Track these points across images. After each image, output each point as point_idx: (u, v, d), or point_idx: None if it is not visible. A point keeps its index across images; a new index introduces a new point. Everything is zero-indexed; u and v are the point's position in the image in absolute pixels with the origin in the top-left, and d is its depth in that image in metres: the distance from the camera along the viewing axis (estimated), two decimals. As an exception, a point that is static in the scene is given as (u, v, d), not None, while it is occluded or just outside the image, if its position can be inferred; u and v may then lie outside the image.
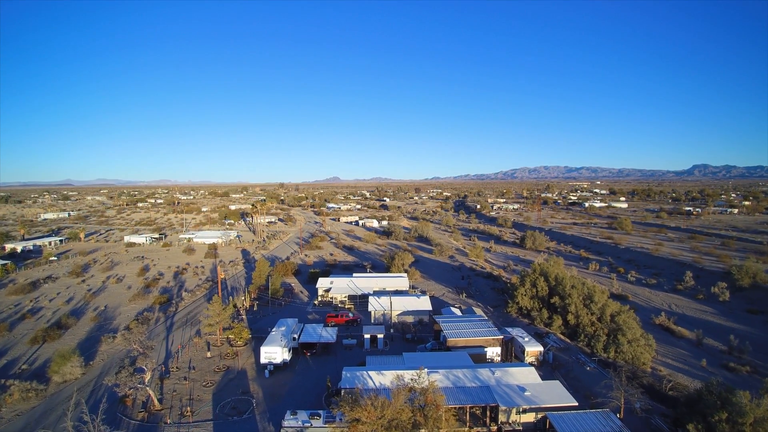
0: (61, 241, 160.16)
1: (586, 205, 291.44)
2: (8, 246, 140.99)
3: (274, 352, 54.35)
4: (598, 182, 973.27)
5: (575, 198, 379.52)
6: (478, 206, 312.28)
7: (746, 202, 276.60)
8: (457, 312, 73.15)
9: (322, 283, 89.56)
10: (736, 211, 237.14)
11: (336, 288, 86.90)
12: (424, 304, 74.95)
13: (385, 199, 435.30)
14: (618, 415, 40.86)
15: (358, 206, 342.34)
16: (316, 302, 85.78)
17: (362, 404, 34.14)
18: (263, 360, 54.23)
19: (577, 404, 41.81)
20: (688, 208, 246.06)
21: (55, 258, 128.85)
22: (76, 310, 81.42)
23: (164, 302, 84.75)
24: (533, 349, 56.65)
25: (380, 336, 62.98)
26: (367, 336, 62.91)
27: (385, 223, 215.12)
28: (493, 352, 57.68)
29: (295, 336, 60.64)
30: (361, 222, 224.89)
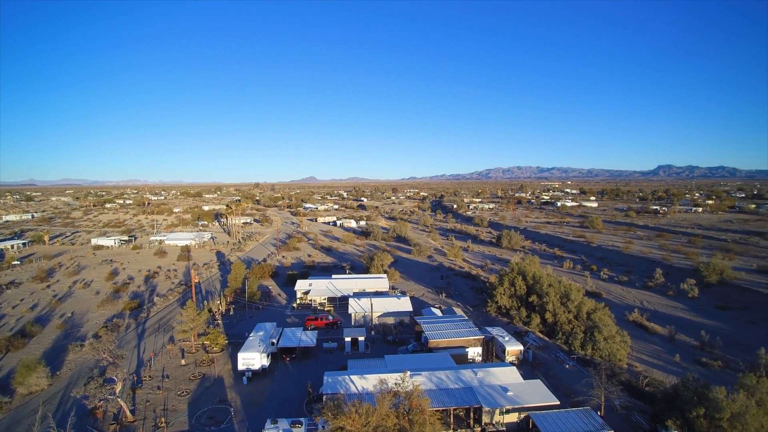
0: (24, 244, 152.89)
1: (559, 204, 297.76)
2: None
3: (252, 358, 52.86)
4: (569, 182, 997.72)
5: (548, 198, 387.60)
6: (455, 206, 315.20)
7: (710, 201, 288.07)
8: (438, 312, 73.11)
9: (301, 285, 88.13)
10: (700, 209, 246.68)
11: (315, 290, 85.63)
12: (404, 305, 74.62)
13: (362, 199, 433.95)
14: (599, 412, 41.46)
15: (336, 206, 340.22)
16: (294, 305, 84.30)
17: (346, 411, 33.36)
18: (241, 366, 52.68)
19: (558, 403, 42.15)
20: (655, 207, 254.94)
21: (18, 262, 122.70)
22: (41, 317, 77.55)
23: (135, 308, 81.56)
24: (513, 348, 57.11)
25: (361, 339, 62.30)
26: (347, 339, 62.11)
27: (363, 223, 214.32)
28: (475, 352, 57.86)
29: (274, 341, 59.32)
30: (339, 222, 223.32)
